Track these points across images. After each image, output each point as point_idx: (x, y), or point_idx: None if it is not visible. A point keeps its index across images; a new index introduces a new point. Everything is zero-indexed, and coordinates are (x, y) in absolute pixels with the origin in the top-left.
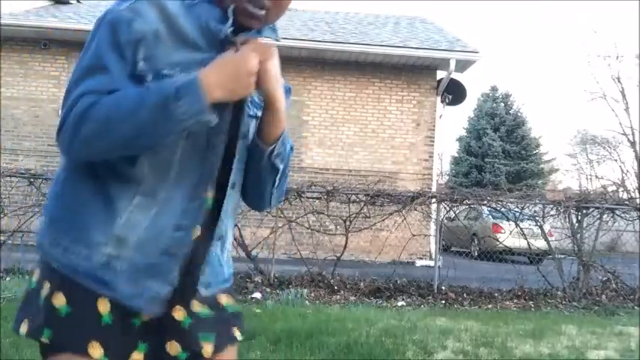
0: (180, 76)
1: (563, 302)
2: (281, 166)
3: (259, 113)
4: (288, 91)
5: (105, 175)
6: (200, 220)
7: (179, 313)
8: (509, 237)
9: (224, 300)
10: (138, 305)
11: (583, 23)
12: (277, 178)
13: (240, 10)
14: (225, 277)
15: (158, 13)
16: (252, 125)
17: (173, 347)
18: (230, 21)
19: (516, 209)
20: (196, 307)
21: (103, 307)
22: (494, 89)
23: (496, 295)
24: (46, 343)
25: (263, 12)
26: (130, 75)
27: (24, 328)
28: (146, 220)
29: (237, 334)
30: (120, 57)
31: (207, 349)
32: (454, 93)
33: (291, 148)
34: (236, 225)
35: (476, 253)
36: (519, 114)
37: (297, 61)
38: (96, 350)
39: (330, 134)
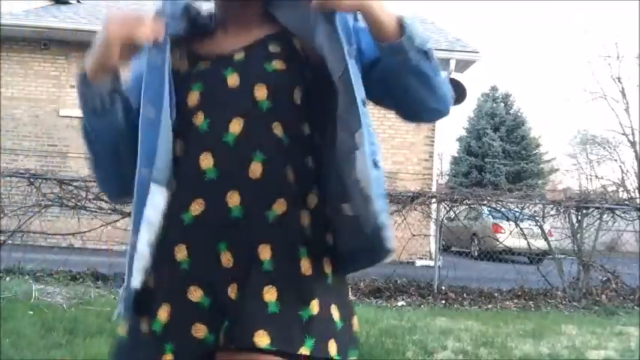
0: None
1: (563, 302)
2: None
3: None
4: None
5: None
6: None
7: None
8: (509, 237)
9: None
10: None
11: (582, 23)
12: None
13: None
14: None
15: None
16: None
17: None
18: None
19: (516, 209)
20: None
21: None
22: (494, 89)
23: (496, 295)
24: None
25: None
26: None
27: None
28: None
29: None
30: None
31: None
32: (454, 93)
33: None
34: None
35: (476, 253)
36: (519, 114)
37: None
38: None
39: None
